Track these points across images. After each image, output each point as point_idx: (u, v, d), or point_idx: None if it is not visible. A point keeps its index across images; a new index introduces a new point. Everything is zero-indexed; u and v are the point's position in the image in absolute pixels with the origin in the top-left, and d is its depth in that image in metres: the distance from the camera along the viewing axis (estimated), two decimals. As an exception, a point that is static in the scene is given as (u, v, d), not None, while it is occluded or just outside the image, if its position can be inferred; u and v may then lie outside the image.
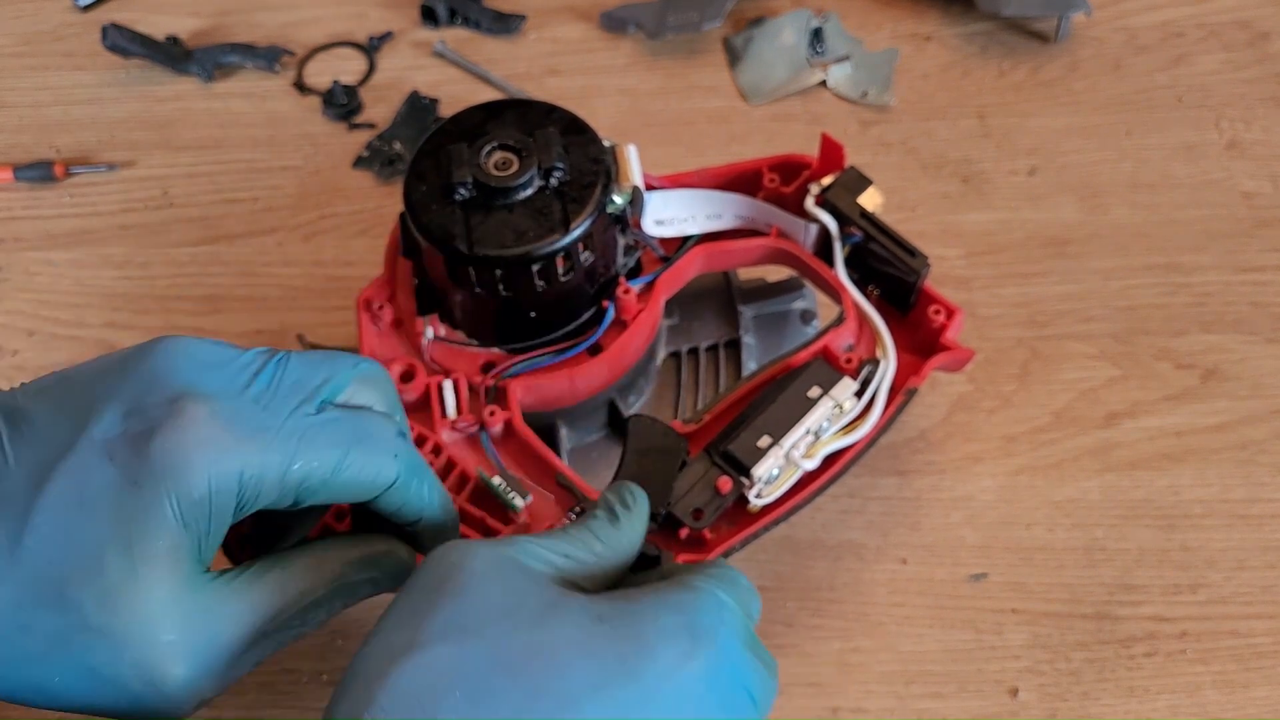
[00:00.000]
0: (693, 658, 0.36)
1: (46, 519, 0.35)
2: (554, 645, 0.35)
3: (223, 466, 0.36)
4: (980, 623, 0.54)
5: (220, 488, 0.36)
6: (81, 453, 0.35)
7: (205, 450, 0.36)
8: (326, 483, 0.39)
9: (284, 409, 0.38)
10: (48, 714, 0.38)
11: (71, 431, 0.36)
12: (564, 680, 0.34)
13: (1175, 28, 0.74)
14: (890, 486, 0.58)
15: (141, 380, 0.37)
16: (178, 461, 0.35)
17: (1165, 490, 0.57)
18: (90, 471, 0.35)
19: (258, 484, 0.37)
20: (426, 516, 0.43)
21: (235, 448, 0.36)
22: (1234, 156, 0.68)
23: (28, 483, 0.35)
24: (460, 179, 0.48)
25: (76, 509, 0.35)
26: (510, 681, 0.34)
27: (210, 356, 0.38)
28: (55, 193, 0.70)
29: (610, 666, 0.35)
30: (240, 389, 0.38)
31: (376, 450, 0.40)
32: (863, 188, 0.54)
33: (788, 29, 0.74)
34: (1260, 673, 0.52)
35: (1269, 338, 0.61)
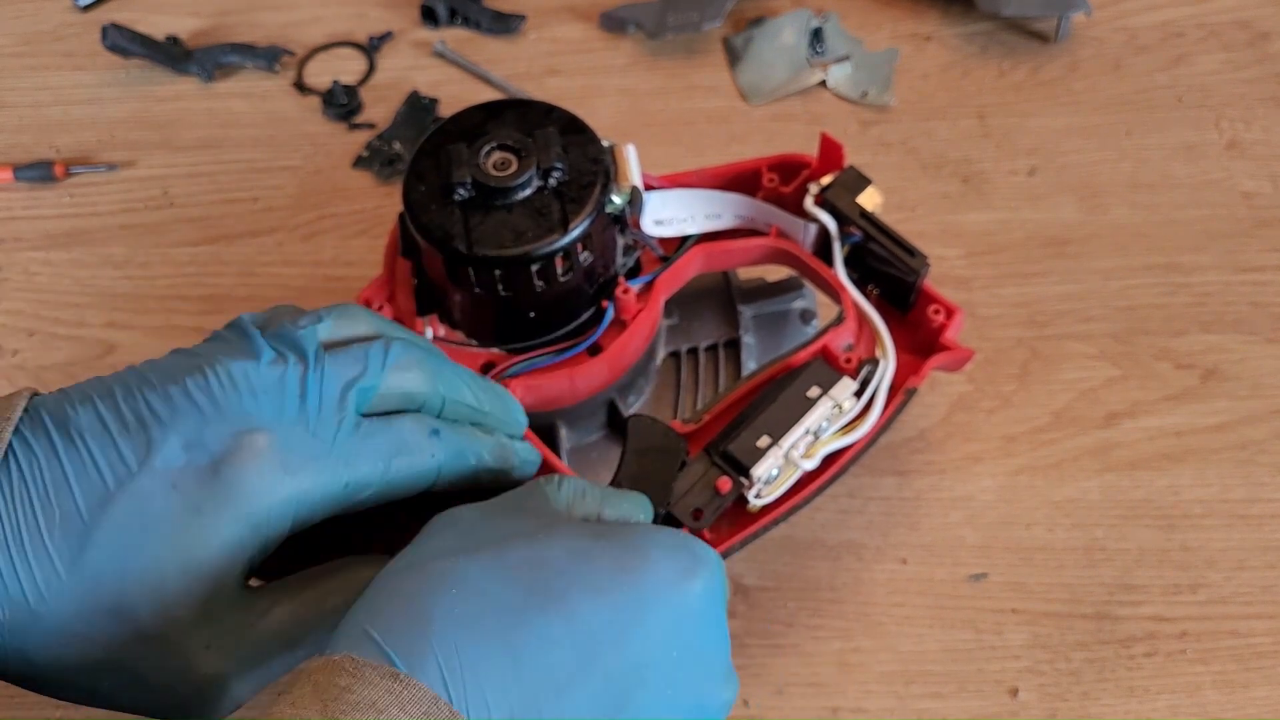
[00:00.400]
0: (695, 575, 0.37)
1: (109, 538, 0.37)
2: (551, 554, 0.36)
3: (280, 495, 0.38)
4: (980, 623, 0.54)
5: (278, 514, 0.39)
6: (144, 480, 0.37)
7: (265, 481, 0.38)
8: (374, 494, 0.41)
9: (329, 430, 0.40)
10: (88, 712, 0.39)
11: (132, 456, 0.37)
12: (561, 581, 0.35)
13: (1175, 28, 0.74)
14: (890, 486, 0.58)
15: (201, 411, 0.38)
16: (239, 492, 0.38)
17: (1165, 490, 0.57)
18: (153, 498, 0.37)
19: (311, 506, 0.39)
20: (485, 477, 0.44)
21: (292, 477, 0.38)
22: (1234, 156, 0.68)
23: (88, 500, 0.37)
24: (459, 179, 0.48)
25: (138, 531, 0.37)
26: (506, 585, 0.35)
27: (264, 385, 0.39)
28: (55, 193, 0.70)
29: (608, 572, 0.36)
30: (292, 416, 0.39)
31: (414, 457, 0.41)
32: (862, 187, 0.54)
33: (788, 29, 0.74)
34: (1260, 673, 0.52)
35: (1269, 338, 0.61)
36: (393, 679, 0.33)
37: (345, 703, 0.32)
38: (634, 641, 0.35)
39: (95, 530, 0.36)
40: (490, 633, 0.34)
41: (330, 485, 0.39)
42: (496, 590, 0.35)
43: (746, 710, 0.52)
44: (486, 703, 0.33)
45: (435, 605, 0.34)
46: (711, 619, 0.37)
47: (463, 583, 0.35)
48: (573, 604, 0.35)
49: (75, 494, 0.37)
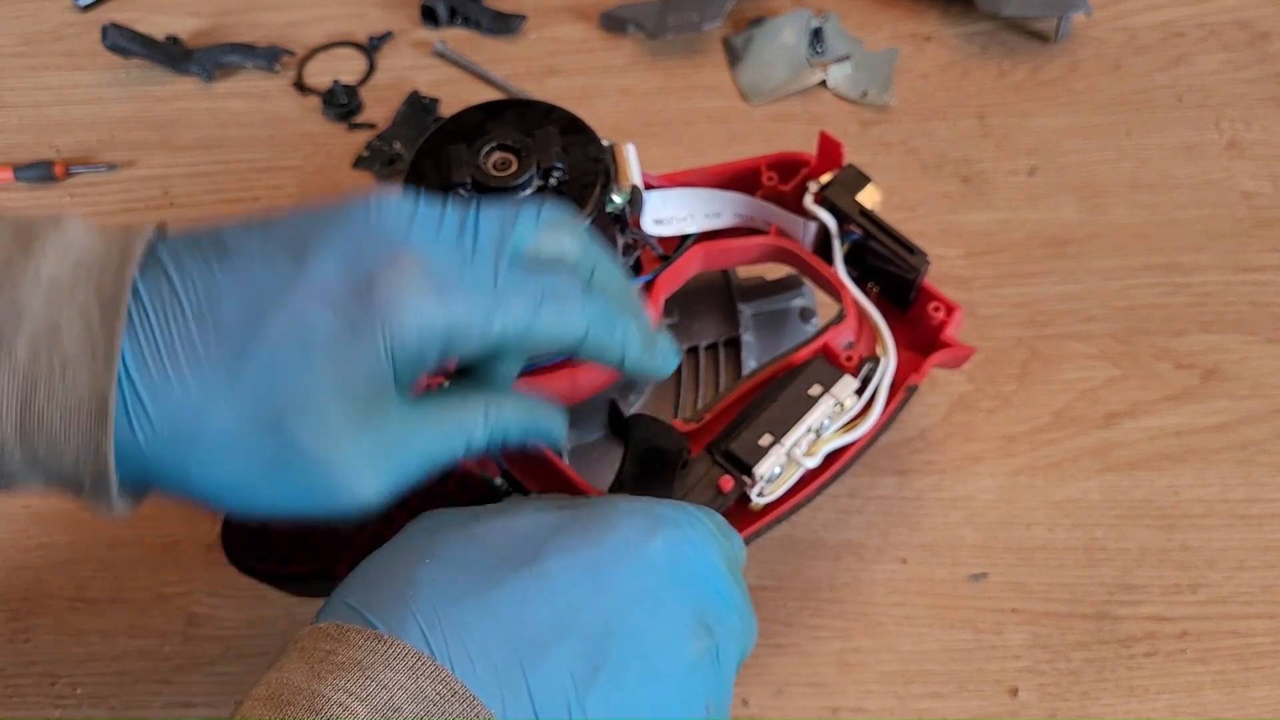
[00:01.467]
0: (654, 534, 0.38)
1: (265, 353, 0.36)
2: (517, 524, 0.38)
3: (433, 318, 0.37)
4: (980, 623, 0.54)
5: (430, 337, 0.38)
6: (300, 295, 0.36)
7: (420, 303, 0.37)
8: (520, 338, 0.40)
9: (486, 266, 0.39)
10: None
11: (288, 273, 0.37)
12: (529, 545, 0.37)
13: (1175, 28, 0.74)
14: (890, 486, 0.58)
15: (359, 233, 0.38)
16: (395, 312, 0.37)
17: (1165, 490, 0.57)
18: (309, 314, 0.36)
19: (462, 335, 0.38)
20: (629, 357, 0.43)
21: (446, 302, 0.38)
22: (1234, 156, 0.68)
23: (244, 315, 0.36)
24: (460, 179, 0.48)
25: (296, 348, 0.36)
26: (477, 550, 0.36)
27: (421, 215, 0.39)
28: (55, 193, 0.70)
29: (575, 536, 0.37)
30: (449, 246, 0.39)
31: (564, 305, 0.40)
32: (861, 185, 0.54)
33: (788, 29, 0.74)
34: (1260, 673, 0.52)
35: (1269, 338, 0.61)
36: (376, 640, 0.33)
37: (331, 664, 0.33)
38: (605, 599, 0.36)
39: (252, 344, 0.36)
40: (467, 592, 0.35)
41: (481, 319, 0.38)
42: (469, 558, 0.36)
43: (746, 710, 0.52)
44: (470, 657, 0.34)
45: (411, 574, 0.35)
46: (677, 574, 0.38)
47: (437, 554, 0.36)
48: (544, 565, 0.36)
49: (231, 307, 0.36)
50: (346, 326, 0.36)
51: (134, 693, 0.54)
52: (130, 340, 0.34)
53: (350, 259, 0.37)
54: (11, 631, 0.56)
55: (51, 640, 0.55)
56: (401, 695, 0.32)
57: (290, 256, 0.37)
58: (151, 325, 0.35)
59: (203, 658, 0.54)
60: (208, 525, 0.58)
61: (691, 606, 0.38)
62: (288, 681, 0.33)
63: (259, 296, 0.36)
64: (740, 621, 0.40)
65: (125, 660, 0.55)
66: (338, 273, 0.37)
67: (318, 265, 0.37)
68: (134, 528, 0.58)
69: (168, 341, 0.35)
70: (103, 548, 0.58)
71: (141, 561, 0.57)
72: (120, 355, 0.34)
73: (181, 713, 0.53)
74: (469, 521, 0.38)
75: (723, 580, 0.39)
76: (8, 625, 0.56)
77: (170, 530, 0.58)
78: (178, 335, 0.35)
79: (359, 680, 0.33)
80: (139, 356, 0.34)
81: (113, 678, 0.54)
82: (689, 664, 0.37)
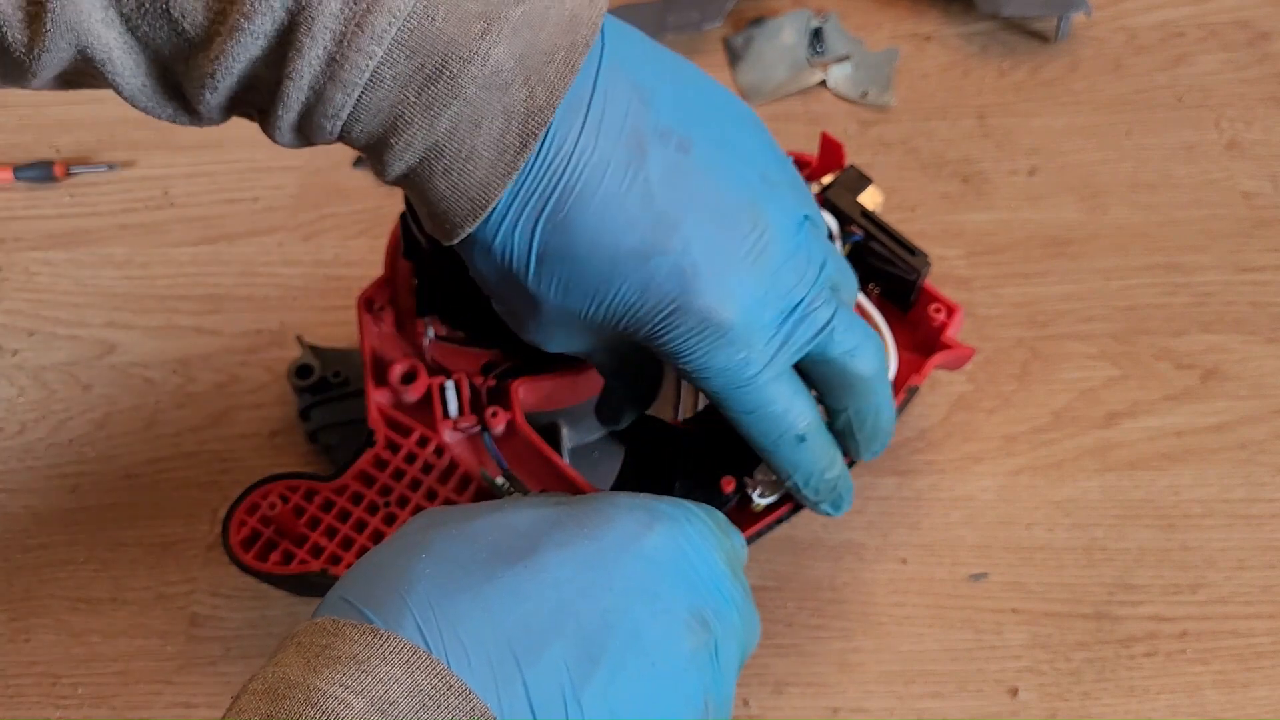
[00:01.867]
0: (651, 529, 0.38)
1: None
2: (514, 520, 0.38)
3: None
4: (980, 623, 0.54)
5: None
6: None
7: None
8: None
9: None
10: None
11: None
12: (525, 542, 0.37)
13: (1175, 28, 0.74)
14: (890, 486, 0.58)
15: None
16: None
17: (1165, 490, 0.57)
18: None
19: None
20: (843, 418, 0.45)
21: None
22: (1234, 156, 0.68)
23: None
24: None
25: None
26: (472, 545, 0.36)
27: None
28: (55, 193, 0.70)
29: (571, 530, 0.37)
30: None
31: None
32: (862, 187, 0.54)
33: (788, 29, 0.74)
34: (1260, 673, 0.52)
35: (1269, 338, 0.61)
36: (372, 634, 0.33)
37: (327, 658, 0.33)
38: (601, 593, 0.36)
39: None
40: (462, 587, 0.35)
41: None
42: (465, 553, 0.36)
43: (746, 710, 0.52)
44: (465, 651, 0.34)
45: (408, 569, 0.35)
46: (674, 569, 0.38)
47: (432, 550, 0.36)
48: (540, 559, 0.36)
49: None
50: (638, 311, 0.40)
51: (134, 693, 0.54)
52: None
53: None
54: (11, 631, 0.56)
55: (51, 640, 0.55)
56: (397, 689, 0.32)
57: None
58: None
59: (203, 658, 0.54)
60: (207, 525, 0.58)
61: (687, 601, 0.38)
62: (284, 676, 0.33)
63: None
64: (740, 619, 0.40)
65: (126, 660, 0.55)
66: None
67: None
68: (134, 527, 0.58)
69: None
70: (103, 548, 0.58)
71: (141, 561, 0.57)
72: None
73: (182, 713, 0.53)
74: (465, 518, 0.38)
75: (721, 576, 0.39)
76: (8, 625, 0.56)
77: (170, 530, 0.58)
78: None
79: (355, 674, 0.33)
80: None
81: (113, 678, 0.54)
82: (685, 658, 0.37)
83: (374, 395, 0.52)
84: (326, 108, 0.36)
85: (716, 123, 0.40)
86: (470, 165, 0.36)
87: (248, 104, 0.37)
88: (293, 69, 0.34)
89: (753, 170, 0.40)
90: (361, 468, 0.51)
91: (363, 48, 0.34)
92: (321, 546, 0.50)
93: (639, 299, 0.39)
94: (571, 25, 0.36)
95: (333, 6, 0.33)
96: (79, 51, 0.35)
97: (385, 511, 0.50)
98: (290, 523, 0.49)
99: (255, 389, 0.62)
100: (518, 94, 0.35)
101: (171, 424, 0.61)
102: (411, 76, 0.35)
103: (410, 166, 0.37)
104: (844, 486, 0.46)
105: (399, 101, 0.35)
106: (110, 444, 0.61)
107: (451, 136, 0.36)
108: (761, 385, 0.41)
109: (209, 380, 0.62)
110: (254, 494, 0.50)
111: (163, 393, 0.62)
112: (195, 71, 0.35)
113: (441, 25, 0.34)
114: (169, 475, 0.60)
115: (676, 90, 0.39)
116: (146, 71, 0.36)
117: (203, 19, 0.34)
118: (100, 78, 0.36)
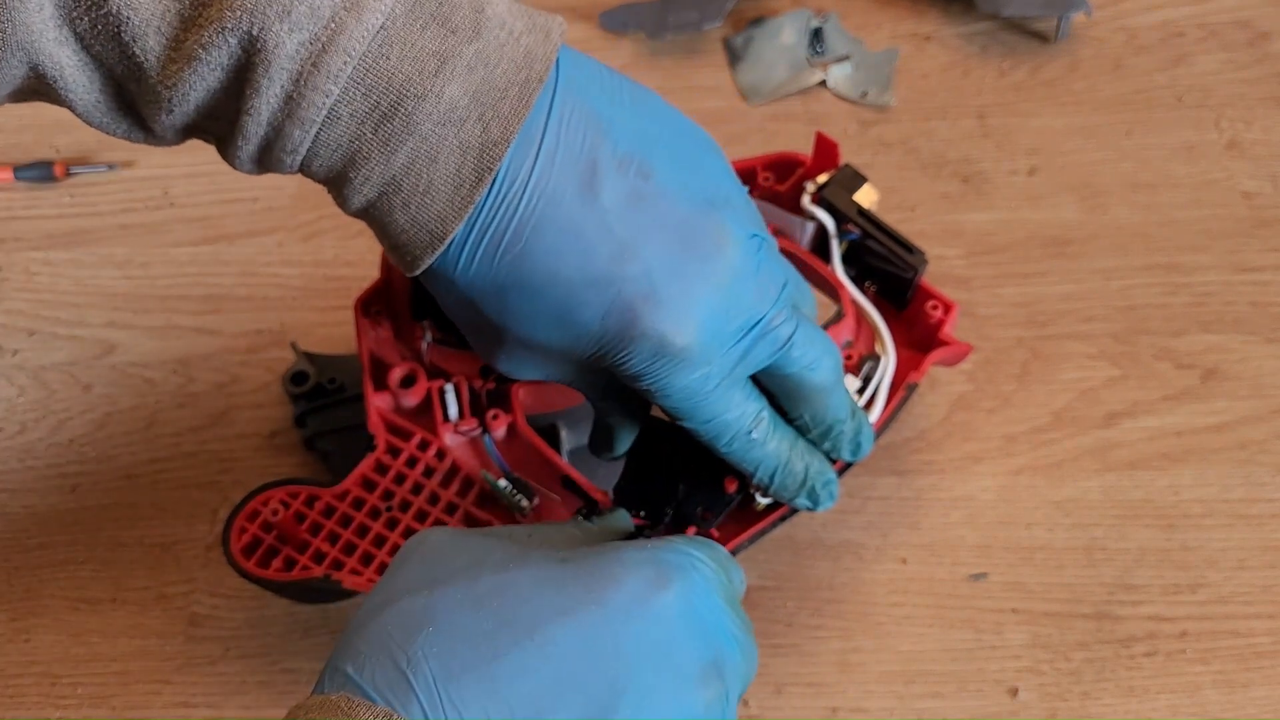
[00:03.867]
0: (663, 587, 0.38)
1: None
2: (519, 582, 0.37)
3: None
4: (980, 623, 0.54)
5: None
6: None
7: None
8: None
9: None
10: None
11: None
12: (530, 607, 0.36)
13: (1175, 28, 0.74)
14: (889, 486, 0.58)
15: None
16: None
17: (1165, 490, 0.57)
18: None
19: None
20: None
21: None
22: (1234, 156, 0.68)
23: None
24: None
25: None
26: (477, 615, 0.36)
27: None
28: (55, 193, 0.70)
29: (577, 595, 0.37)
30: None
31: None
32: (858, 185, 0.54)
33: (788, 29, 0.74)
34: (1260, 673, 0.52)
35: (1269, 338, 0.61)
36: (386, 718, 0.34)
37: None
38: (608, 661, 0.36)
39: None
40: (467, 666, 0.35)
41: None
42: (470, 623, 0.36)
43: (746, 710, 0.52)
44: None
45: (412, 646, 0.35)
46: (684, 626, 0.38)
47: (436, 619, 0.36)
48: (546, 633, 0.36)
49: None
50: (600, 336, 0.40)
51: (134, 693, 0.54)
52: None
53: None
54: (11, 631, 0.56)
55: (51, 640, 0.55)
56: None
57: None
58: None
59: (203, 658, 0.54)
60: (207, 525, 0.58)
61: (699, 654, 0.38)
62: None
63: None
64: (743, 658, 0.40)
65: (125, 660, 0.55)
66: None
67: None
68: (134, 528, 0.58)
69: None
70: (103, 548, 0.58)
71: (141, 561, 0.57)
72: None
73: (182, 713, 0.53)
74: (471, 575, 0.37)
75: (728, 620, 0.39)
76: (8, 625, 0.56)
77: (170, 530, 0.58)
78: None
79: None
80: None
81: (113, 678, 0.54)
82: (699, 713, 0.37)
83: (373, 400, 0.52)
84: (285, 143, 0.36)
85: (676, 148, 0.41)
86: (428, 199, 0.37)
87: (206, 130, 0.38)
88: (250, 105, 0.35)
89: (714, 194, 0.41)
90: (363, 473, 0.51)
91: (319, 86, 0.35)
92: (324, 552, 0.49)
93: (600, 326, 0.39)
94: (526, 61, 0.36)
95: (289, 47, 0.34)
96: (31, 69, 0.35)
97: (387, 516, 0.50)
98: (292, 529, 0.49)
99: (255, 389, 0.62)
100: (472, 130, 0.36)
101: (171, 424, 0.61)
102: (368, 114, 0.36)
103: (369, 200, 0.38)
104: (818, 482, 0.46)
105: (356, 138, 0.36)
106: (110, 444, 0.61)
107: (408, 172, 0.37)
108: (718, 397, 0.41)
109: (209, 380, 0.62)
110: (255, 500, 0.50)
111: (163, 393, 0.62)
112: (150, 95, 0.36)
113: (396, 64, 0.35)
114: (169, 475, 0.60)
115: (635, 117, 0.40)
116: (101, 89, 0.37)
117: (155, 44, 0.34)
118: (53, 95, 0.37)
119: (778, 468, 0.45)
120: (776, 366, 0.42)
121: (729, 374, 0.41)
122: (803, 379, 0.43)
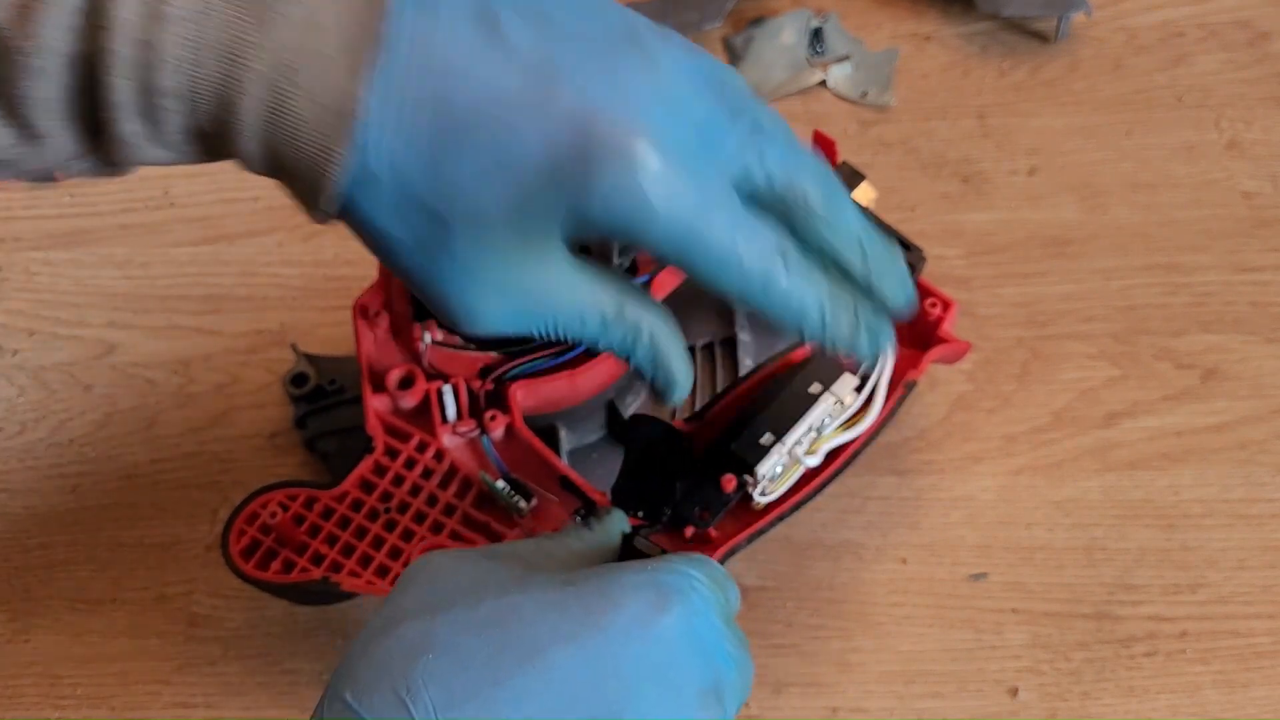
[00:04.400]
0: (664, 610, 0.37)
1: (468, 141, 0.37)
2: (520, 606, 0.37)
3: (647, 219, 0.37)
4: (980, 623, 0.54)
5: (624, 230, 0.38)
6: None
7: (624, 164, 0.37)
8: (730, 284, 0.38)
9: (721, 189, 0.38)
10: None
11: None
12: (531, 631, 0.36)
13: (1175, 28, 0.74)
14: (889, 486, 0.58)
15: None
16: (603, 194, 0.37)
17: (1165, 490, 0.57)
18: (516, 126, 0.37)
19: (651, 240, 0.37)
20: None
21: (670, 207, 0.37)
22: (1234, 156, 0.68)
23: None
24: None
25: (494, 165, 0.37)
26: (478, 639, 0.36)
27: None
28: (55, 193, 0.70)
29: (578, 618, 0.36)
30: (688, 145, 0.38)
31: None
32: (856, 183, 0.54)
33: (788, 29, 0.74)
34: (1260, 673, 0.52)
35: (1269, 338, 0.61)
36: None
37: None
38: (609, 684, 0.36)
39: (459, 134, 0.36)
40: (468, 693, 0.35)
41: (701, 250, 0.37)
42: (470, 647, 0.36)
43: (746, 710, 0.52)
44: None
45: (412, 673, 0.35)
46: (684, 648, 0.37)
47: (436, 645, 0.36)
48: (547, 658, 0.36)
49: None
50: (552, 171, 0.36)
51: (133, 693, 0.54)
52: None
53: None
54: (11, 631, 0.56)
55: (51, 640, 0.55)
56: None
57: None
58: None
59: (202, 658, 0.54)
60: (207, 525, 0.58)
61: (698, 676, 0.37)
62: None
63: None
64: (740, 676, 0.39)
65: (125, 660, 0.55)
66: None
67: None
68: (134, 528, 0.58)
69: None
70: (103, 548, 0.58)
71: (141, 561, 0.57)
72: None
73: (181, 713, 0.53)
74: (471, 603, 0.37)
75: (725, 639, 0.39)
76: (8, 625, 0.56)
77: (170, 530, 0.58)
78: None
79: None
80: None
81: (113, 678, 0.54)
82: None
83: (372, 402, 0.52)
84: (162, 63, 0.34)
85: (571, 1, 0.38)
86: (324, 74, 0.35)
87: (90, 118, 0.36)
88: (114, 17, 0.33)
89: (626, 24, 0.38)
90: (361, 474, 0.51)
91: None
92: (322, 554, 0.49)
93: (548, 158, 0.36)
94: None
95: None
96: None
97: (386, 518, 0.50)
98: (290, 531, 0.49)
99: (256, 389, 0.62)
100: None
101: (172, 424, 0.61)
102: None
103: (263, 102, 0.36)
104: (870, 318, 0.40)
105: (232, 24, 0.34)
106: (110, 444, 0.61)
107: (300, 51, 0.35)
108: (719, 217, 0.38)
109: (209, 381, 0.62)
110: (253, 503, 0.50)
111: (163, 393, 0.62)
112: (8, 57, 0.34)
113: None
114: (169, 476, 0.60)
115: None
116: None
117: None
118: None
119: (824, 302, 0.40)
120: (763, 181, 0.39)
121: (714, 181, 0.38)
122: (793, 185, 0.39)
